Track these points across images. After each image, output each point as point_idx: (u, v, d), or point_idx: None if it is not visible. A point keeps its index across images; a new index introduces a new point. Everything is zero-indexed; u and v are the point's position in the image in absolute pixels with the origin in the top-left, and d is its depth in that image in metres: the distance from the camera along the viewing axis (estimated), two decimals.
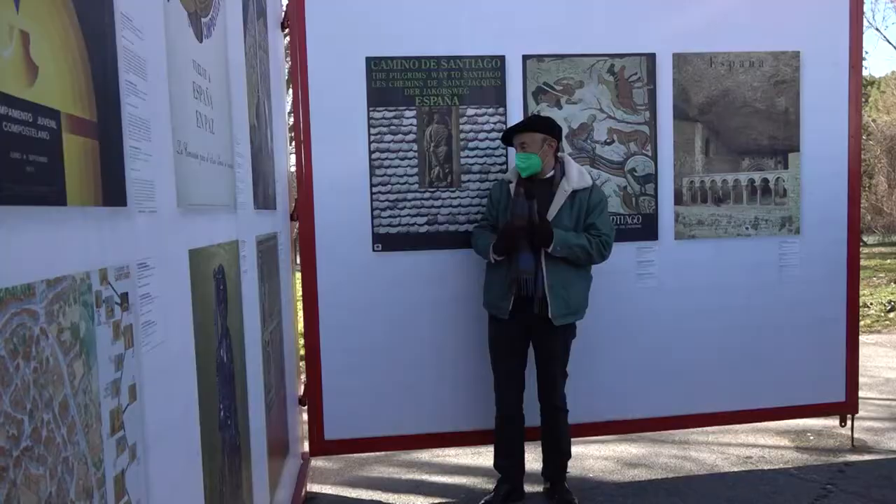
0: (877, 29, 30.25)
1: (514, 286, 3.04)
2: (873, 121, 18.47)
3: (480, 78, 3.50)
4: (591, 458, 3.71)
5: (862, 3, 3.80)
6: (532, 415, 3.19)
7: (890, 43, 31.10)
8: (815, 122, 3.76)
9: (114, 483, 0.97)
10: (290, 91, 3.77)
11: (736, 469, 3.60)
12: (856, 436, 3.90)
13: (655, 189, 3.65)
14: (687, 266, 3.67)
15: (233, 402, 1.79)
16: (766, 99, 3.76)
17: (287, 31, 3.37)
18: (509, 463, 3.18)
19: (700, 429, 3.83)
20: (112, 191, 1.06)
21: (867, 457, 3.71)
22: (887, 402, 4.55)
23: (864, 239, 15.00)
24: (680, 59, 3.66)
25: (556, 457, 3.18)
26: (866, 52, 17.39)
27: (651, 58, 3.63)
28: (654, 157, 3.65)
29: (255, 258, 2.33)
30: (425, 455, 3.78)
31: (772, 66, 3.76)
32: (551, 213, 3.02)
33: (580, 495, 3.23)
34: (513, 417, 3.14)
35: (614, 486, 3.44)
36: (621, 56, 3.60)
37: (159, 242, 1.29)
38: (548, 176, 3.10)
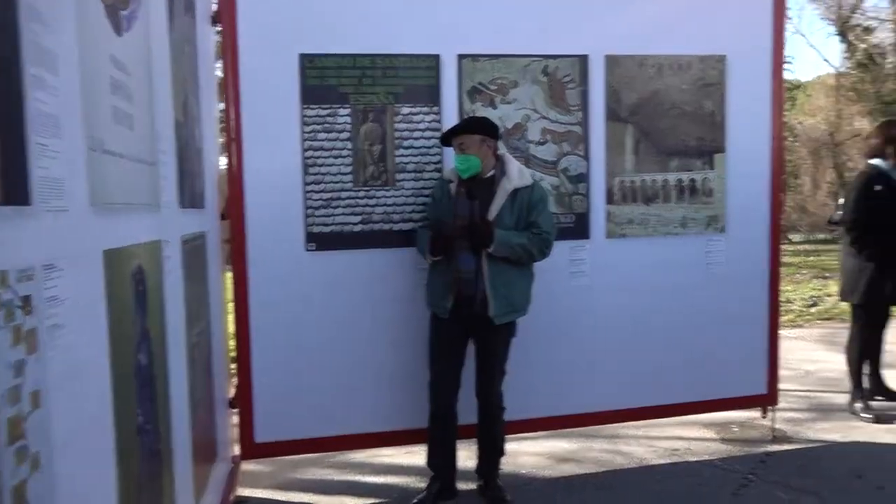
0: (802, 35, 31.50)
1: (455, 286, 3.05)
2: (800, 123, 19.20)
3: (415, 77, 3.50)
4: (523, 454, 3.75)
5: (783, 10, 3.94)
6: (465, 413, 3.21)
7: (815, 49, 32.47)
8: (739, 124, 3.89)
9: (12, 494, 0.93)
10: (222, 87, 3.69)
11: (663, 462, 3.70)
12: (777, 426, 4.06)
13: (588, 188, 3.72)
14: (618, 264, 3.75)
15: (153, 405, 1.74)
16: (693, 101, 3.87)
17: (218, 25, 3.29)
18: (441, 461, 3.19)
19: (630, 423, 3.92)
20: (14, 189, 1.02)
21: (787, 446, 3.86)
22: (807, 394, 4.75)
23: (790, 237, 15.58)
24: (611, 62, 3.73)
25: (491, 454, 3.21)
26: (793, 57, 18.07)
27: (583, 59, 3.69)
28: (587, 157, 3.72)
29: (181, 258, 2.28)
30: (360, 455, 3.77)
31: (699, 70, 3.87)
32: (493, 212, 3.04)
33: (513, 492, 3.27)
34: (446, 416, 3.15)
35: (546, 481, 3.49)
36: (555, 57, 3.65)
37: (70, 243, 1.25)
38: (488, 175, 3.11)
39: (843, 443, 3.92)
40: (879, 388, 4.48)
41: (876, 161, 4.33)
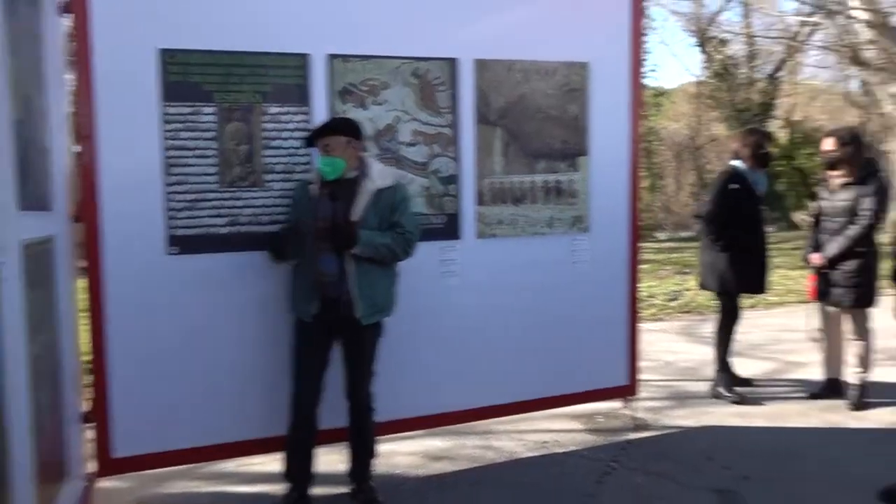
0: (666, 45, 33.37)
1: (319, 288, 3.02)
2: (664, 128, 20.35)
3: (284, 76, 3.43)
4: (397, 454, 3.77)
5: (640, 22, 4.17)
6: (334, 415, 3.18)
7: (678, 59, 34.49)
8: (601, 128, 4.08)
9: None
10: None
11: (532, 454, 3.83)
12: (638, 415, 4.29)
13: (458, 190, 3.79)
14: (488, 264, 3.85)
15: None
16: (558, 106, 4.02)
17: (69, 15, 3.09)
18: (300, 472, 3.14)
19: (502, 418, 4.02)
20: None
21: (646, 434, 4.09)
22: (666, 383, 5.05)
23: (656, 235, 16.50)
24: (480, 65, 3.81)
25: (363, 456, 3.21)
26: (658, 66, 19.19)
27: (453, 62, 3.75)
28: (457, 159, 3.78)
29: (21, 264, 2.13)
30: (230, 465, 3.65)
31: (564, 76, 4.02)
32: (356, 213, 3.03)
33: (386, 493, 3.27)
34: (309, 425, 3.11)
35: (420, 480, 3.53)
36: (425, 59, 3.69)
37: None
38: (351, 176, 3.10)
39: (697, 427, 4.19)
40: (727, 373, 4.81)
41: (735, 162, 4.71)
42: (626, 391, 4.24)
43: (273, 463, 3.40)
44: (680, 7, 17.13)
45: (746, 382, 4.91)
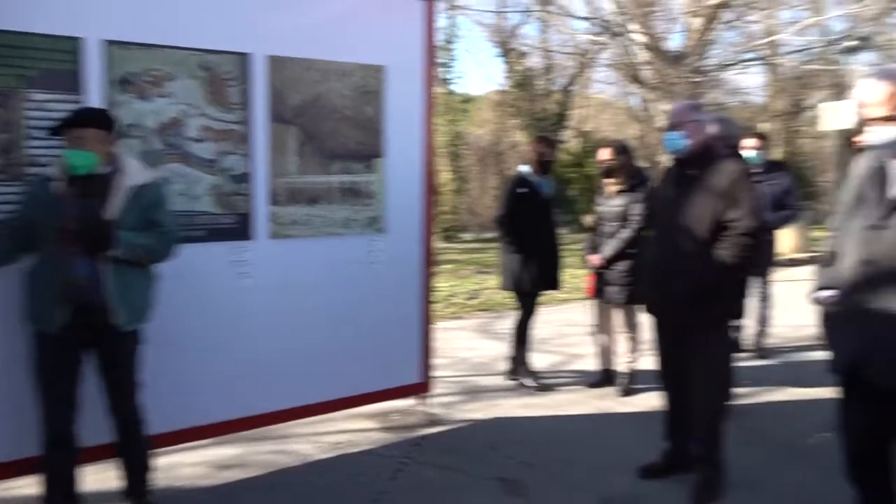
0: (471, 53, 34.75)
1: (68, 296, 2.75)
2: (470, 133, 21.16)
3: (53, 60, 3.14)
4: (181, 466, 3.59)
5: (433, 29, 4.30)
6: (99, 433, 2.94)
7: (482, 67, 36.01)
8: (396, 131, 4.15)
9: None
10: None
11: (327, 456, 3.82)
12: (432, 411, 4.43)
13: (250, 189, 3.68)
14: (283, 265, 3.78)
15: None
16: (355, 107, 4.04)
17: None
18: (61, 491, 2.87)
19: (297, 421, 3.97)
20: None
21: (439, 429, 4.24)
22: (460, 379, 5.25)
23: (462, 235, 17.12)
24: (275, 62, 3.73)
25: (138, 472, 2.99)
26: (463, 73, 19.90)
27: (246, 57, 3.64)
28: (250, 157, 3.67)
29: None
30: None
31: (360, 77, 4.05)
32: (111, 212, 2.79)
33: None
34: (67, 444, 2.85)
35: (205, 490, 3.39)
36: (215, 52, 3.54)
37: None
38: (103, 172, 2.83)
39: (486, 420, 4.41)
40: (525, 365, 5.11)
41: (523, 168, 4.99)
42: (421, 388, 4.36)
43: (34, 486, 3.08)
44: (484, 18, 17.79)
45: (534, 375, 5.23)
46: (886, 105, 2.30)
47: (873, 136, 2.37)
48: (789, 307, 5.97)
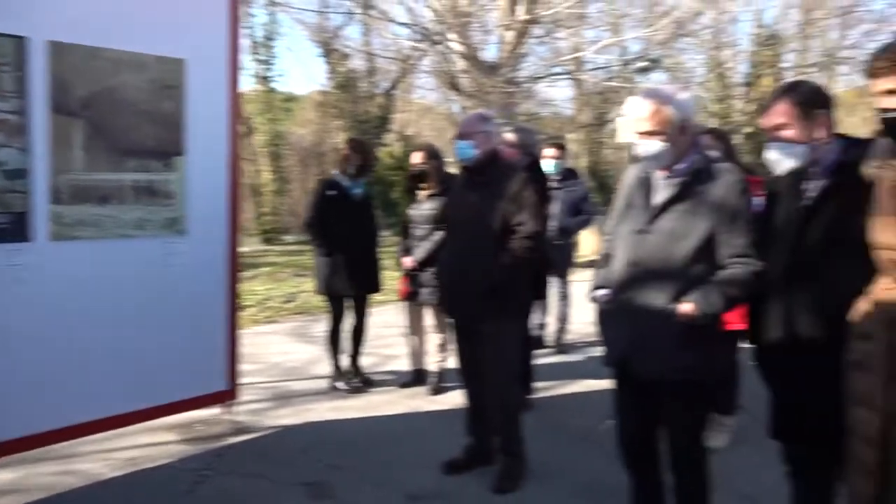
0: (292, 52, 34.15)
1: None
2: (293, 133, 20.73)
3: None
4: None
5: (238, 23, 4.16)
6: None
7: (303, 66, 35.54)
8: (199, 129, 3.96)
9: None
10: None
11: (119, 474, 3.57)
12: (239, 418, 4.29)
13: (28, 186, 3.35)
14: (67, 269, 3.48)
15: None
16: (152, 101, 3.81)
17: None
18: None
19: (85, 438, 3.67)
20: None
21: (246, 437, 4.11)
22: (271, 384, 5.13)
23: (283, 237, 16.73)
24: (57, 48, 3.43)
25: None
26: (284, 72, 19.44)
27: (22, 41, 3.31)
28: (27, 151, 3.35)
29: None
30: None
31: (158, 71, 3.83)
32: None
33: None
34: None
35: None
36: None
37: None
38: None
39: (297, 425, 4.34)
40: (338, 369, 5.08)
41: (334, 171, 4.97)
42: (227, 396, 4.20)
43: None
44: (305, 17, 17.48)
45: (346, 376, 5.22)
46: (650, 121, 2.55)
47: (640, 148, 2.61)
48: (587, 305, 6.42)
